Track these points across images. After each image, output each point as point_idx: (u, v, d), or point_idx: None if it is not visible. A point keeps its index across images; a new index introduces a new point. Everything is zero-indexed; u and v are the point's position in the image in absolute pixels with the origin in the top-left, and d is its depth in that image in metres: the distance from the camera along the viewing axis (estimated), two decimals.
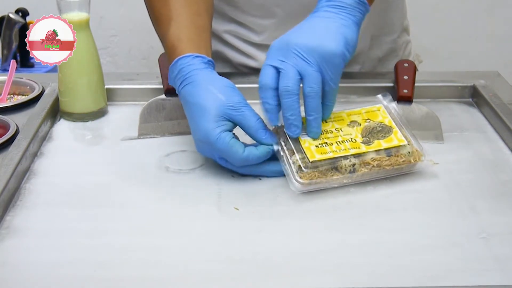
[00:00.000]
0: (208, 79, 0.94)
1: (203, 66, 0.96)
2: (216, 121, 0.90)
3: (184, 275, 0.75)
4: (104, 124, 1.11)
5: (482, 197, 0.90)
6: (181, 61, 0.96)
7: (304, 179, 0.88)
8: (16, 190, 0.90)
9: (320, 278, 0.75)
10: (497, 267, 0.77)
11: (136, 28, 2.57)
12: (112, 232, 0.83)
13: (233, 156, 0.90)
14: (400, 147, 0.92)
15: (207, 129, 0.90)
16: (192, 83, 0.94)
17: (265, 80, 0.91)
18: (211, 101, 0.91)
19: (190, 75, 0.94)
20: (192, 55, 0.96)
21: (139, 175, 0.96)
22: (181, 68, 0.95)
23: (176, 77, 0.96)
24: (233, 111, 0.91)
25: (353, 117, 0.95)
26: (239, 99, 0.93)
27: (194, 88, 0.93)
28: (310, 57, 0.89)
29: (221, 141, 0.89)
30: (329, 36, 0.90)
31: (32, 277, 0.75)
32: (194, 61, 0.96)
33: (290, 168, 0.89)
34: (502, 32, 2.59)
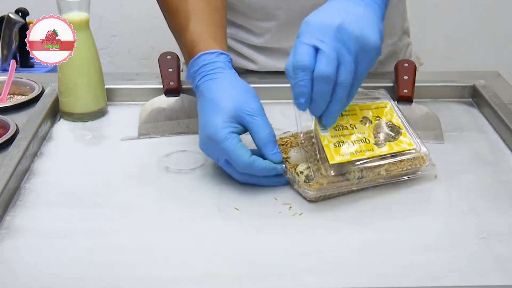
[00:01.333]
0: (231, 79, 0.94)
1: (228, 65, 0.96)
2: (228, 122, 0.89)
3: (184, 275, 0.75)
4: (104, 124, 1.11)
5: (482, 197, 0.90)
6: (204, 56, 0.96)
7: (314, 188, 0.86)
8: (16, 190, 0.90)
9: (320, 278, 0.75)
10: (497, 267, 0.77)
11: (136, 28, 2.57)
12: (112, 232, 0.83)
13: (238, 159, 0.87)
14: (406, 152, 0.92)
15: (217, 126, 0.88)
16: (214, 80, 0.93)
17: (304, 60, 0.82)
18: (229, 102, 0.90)
19: (214, 71, 0.94)
20: (217, 51, 0.96)
21: (139, 175, 0.96)
22: (205, 64, 0.95)
23: (197, 71, 0.95)
24: (247, 117, 0.89)
25: (365, 112, 0.93)
26: (257, 106, 0.91)
27: (215, 85, 0.93)
28: (352, 45, 0.82)
29: (229, 142, 0.87)
30: (371, 27, 0.84)
31: (32, 277, 0.75)
32: (219, 58, 0.96)
33: (298, 177, 0.88)
34: (502, 32, 2.59)
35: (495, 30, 2.58)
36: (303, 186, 0.87)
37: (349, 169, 0.88)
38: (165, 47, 1.39)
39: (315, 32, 0.83)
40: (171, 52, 1.20)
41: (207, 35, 0.99)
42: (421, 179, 0.93)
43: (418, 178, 0.93)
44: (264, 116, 0.91)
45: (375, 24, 0.85)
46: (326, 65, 0.81)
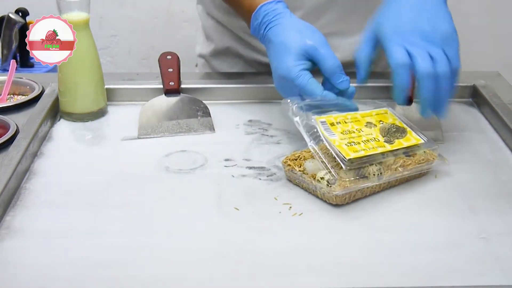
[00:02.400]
0: (292, 21, 1.02)
1: (286, 10, 1.03)
2: (297, 59, 0.97)
3: (184, 275, 0.75)
4: (104, 124, 1.11)
5: (482, 197, 0.90)
6: (265, 7, 1.03)
7: (338, 189, 0.86)
8: (16, 190, 0.90)
9: (320, 278, 0.75)
10: (497, 267, 0.77)
11: (136, 28, 2.57)
12: (112, 232, 0.83)
13: (312, 94, 0.96)
14: (415, 147, 0.92)
15: (288, 66, 0.97)
16: (278, 25, 1.01)
17: (403, 59, 0.91)
18: (294, 41, 0.98)
19: (275, 18, 1.02)
20: (274, 0, 1.03)
21: (139, 175, 0.96)
22: (266, 13, 1.03)
23: (261, 22, 1.03)
24: (312, 51, 0.97)
25: (367, 118, 0.96)
26: (320, 39, 0.98)
27: (280, 29, 1.01)
28: (434, 39, 0.91)
29: (301, 79, 0.96)
30: (441, 17, 0.94)
31: (32, 277, 0.75)
32: (277, 6, 1.03)
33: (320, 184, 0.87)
34: (502, 32, 2.59)
35: (495, 30, 2.58)
36: (327, 190, 0.86)
37: (367, 170, 0.88)
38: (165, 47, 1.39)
39: (398, 38, 0.93)
40: (171, 52, 1.20)
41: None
42: (421, 179, 0.94)
43: (417, 178, 0.93)
44: (328, 48, 0.98)
45: (446, 14, 0.95)
46: (424, 63, 0.90)
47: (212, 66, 1.34)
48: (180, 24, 2.57)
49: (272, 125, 1.10)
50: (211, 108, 1.12)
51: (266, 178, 0.94)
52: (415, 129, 0.96)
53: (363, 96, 1.19)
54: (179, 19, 2.56)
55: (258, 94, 1.19)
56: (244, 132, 1.08)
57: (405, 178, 0.92)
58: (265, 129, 1.09)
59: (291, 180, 0.93)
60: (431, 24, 0.93)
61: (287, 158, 0.93)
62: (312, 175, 0.89)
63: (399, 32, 0.94)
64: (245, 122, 1.11)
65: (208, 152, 1.01)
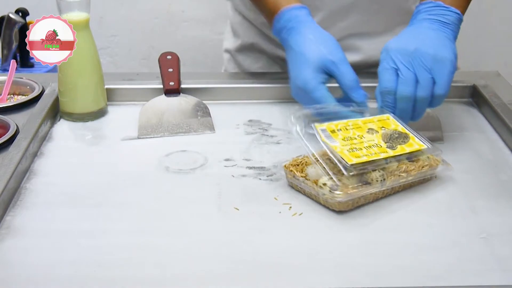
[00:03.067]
0: (315, 31, 1.03)
1: (308, 18, 1.04)
2: (315, 72, 0.99)
3: (184, 275, 0.75)
4: (104, 124, 1.11)
5: (482, 197, 0.90)
6: (287, 12, 1.05)
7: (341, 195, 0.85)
8: (16, 190, 0.90)
9: (320, 278, 0.75)
10: (497, 267, 0.77)
11: (136, 28, 2.57)
12: (112, 232, 0.83)
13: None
14: (419, 153, 0.92)
15: (306, 78, 0.99)
16: (299, 34, 1.03)
17: (389, 86, 0.96)
18: (315, 53, 1.00)
19: (297, 25, 1.03)
20: (297, 6, 1.05)
21: (139, 175, 0.96)
22: (288, 19, 1.04)
23: (283, 26, 1.05)
24: (332, 66, 0.99)
25: (369, 125, 0.95)
26: (340, 55, 1.00)
27: (302, 38, 1.02)
28: (427, 63, 0.95)
29: (318, 92, 0.99)
30: (442, 46, 0.97)
31: (32, 277, 0.75)
32: (300, 12, 1.05)
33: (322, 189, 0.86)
34: (502, 32, 2.59)
35: (495, 30, 2.58)
36: (329, 195, 0.85)
37: (370, 176, 0.87)
38: (165, 47, 1.39)
39: (396, 56, 0.96)
40: (171, 52, 1.20)
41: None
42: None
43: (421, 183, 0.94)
44: (347, 64, 1.00)
45: (447, 43, 0.98)
46: (405, 87, 0.95)
47: (237, 61, 1.35)
48: (180, 24, 2.57)
49: (272, 125, 1.10)
50: (211, 108, 1.12)
51: (266, 178, 0.94)
52: (418, 134, 0.95)
53: None
54: (179, 19, 2.56)
55: (258, 94, 1.19)
56: (244, 132, 1.08)
57: (408, 184, 0.91)
58: (265, 129, 1.09)
59: (292, 186, 0.92)
60: (431, 50, 0.96)
61: (289, 163, 0.92)
62: (315, 181, 0.88)
63: (396, 53, 0.97)
64: (245, 122, 1.11)
65: (208, 152, 1.01)
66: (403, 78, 0.95)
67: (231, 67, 1.36)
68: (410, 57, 0.95)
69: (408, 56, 0.96)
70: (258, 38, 1.29)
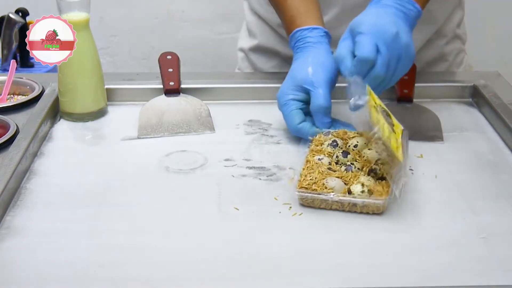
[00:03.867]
0: (315, 53, 1.04)
1: (319, 39, 1.05)
2: (293, 89, 1.01)
3: (184, 275, 0.75)
4: (104, 124, 1.11)
5: (482, 197, 0.90)
6: (299, 32, 1.06)
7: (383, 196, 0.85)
8: (16, 190, 0.90)
9: (320, 278, 0.75)
10: (497, 267, 0.77)
11: (136, 28, 2.57)
12: (112, 232, 0.83)
13: (288, 123, 1.01)
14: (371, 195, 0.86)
15: (283, 91, 1.02)
16: (301, 53, 1.05)
17: (371, 56, 0.94)
18: (301, 72, 1.02)
19: (304, 46, 1.05)
20: (310, 27, 1.06)
21: (139, 175, 0.96)
22: (299, 39, 1.06)
23: (294, 45, 1.07)
24: (310, 85, 1.00)
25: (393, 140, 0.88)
26: (324, 79, 1.00)
27: (301, 57, 1.04)
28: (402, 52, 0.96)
29: (286, 107, 1.01)
30: (411, 40, 0.98)
31: (32, 277, 0.75)
32: (311, 34, 1.06)
33: (360, 197, 0.85)
34: (502, 32, 2.59)
35: (495, 30, 2.58)
36: (372, 201, 0.84)
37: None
38: (165, 47, 1.39)
39: (376, 33, 0.95)
40: (171, 52, 1.20)
41: (304, 9, 1.09)
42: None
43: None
44: (325, 88, 0.99)
45: (411, 36, 0.99)
46: (381, 69, 0.94)
47: (251, 60, 1.35)
48: (180, 24, 2.57)
49: (272, 125, 1.10)
50: (211, 108, 1.12)
51: (266, 178, 0.94)
52: (404, 167, 0.88)
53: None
54: (179, 19, 2.56)
55: (258, 94, 1.19)
56: (244, 132, 1.08)
57: None
58: (265, 129, 1.09)
59: (312, 206, 0.87)
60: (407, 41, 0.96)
61: (300, 186, 0.87)
62: (344, 190, 0.86)
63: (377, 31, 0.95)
64: (245, 122, 1.11)
65: (208, 152, 1.01)
66: (383, 60, 0.94)
67: (244, 66, 1.36)
68: (392, 40, 0.95)
69: (390, 38, 0.95)
70: (272, 39, 1.29)
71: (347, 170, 0.89)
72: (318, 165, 0.90)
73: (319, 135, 0.97)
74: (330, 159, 0.91)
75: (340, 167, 0.90)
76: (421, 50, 1.25)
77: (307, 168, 0.89)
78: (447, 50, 1.29)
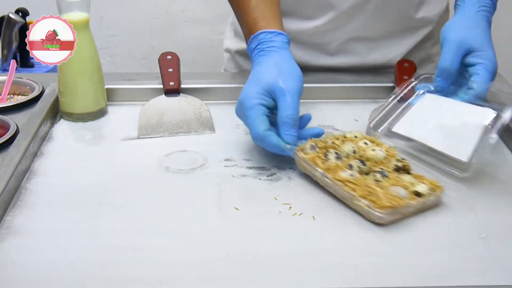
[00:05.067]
0: (282, 59, 0.99)
1: (284, 45, 1.01)
2: (260, 93, 0.96)
3: (184, 275, 0.75)
4: (104, 124, 1.11)
5: (482, 197, 0.90)
6: (263, 35, 1.02)
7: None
8: (16, 190, 0.90)
9: (320, 278, 0.75)
10: (497, 267, 0.77)
11: (136, 28, 2.57)
12: (112, 232, 0.83)
13: (253, 128, 0.94)
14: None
15: (249, 95, 0.96)
16: (266, 56, 1.00)
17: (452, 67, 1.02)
18: (269, 77, 0.96)
19: (268, 49, 1.00)
20: (276, 31, 1.02)
21: (139, 175, 0.96)
22: (263, 41, 1.01)
23: (256, 47, 1.02)
24: (279, 93, 0.94)
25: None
26: (293, 87, 0.95)
27: (266, 61, 0.99)
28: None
29: (252, 111, 0.95)
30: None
31: (32, 277, 0.75)
32: (277, 38, 1.02)
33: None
34: (502, 32, 2.59)
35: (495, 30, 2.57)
36: (434, 198, 0.87)
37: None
38: (165, 47, 1.39)
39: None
40: (171, 52, 1.20)
41: (269, 14, 1.05)
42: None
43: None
44: (296, 98, 0.95)
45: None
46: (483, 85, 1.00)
47: (236, 61, 1.35)
48: (180, 24, 2.57)
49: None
50: (211, 108, 1.12)
51: (266, 178, 0.94)
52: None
53: (363, 96, 1.19)
54: (179, 19, 2.57)
55: None
56: (244, 132, 1.08)
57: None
58: None
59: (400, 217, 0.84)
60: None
61: (382, 206, 0.82)
62: (411, 196, 0.85)
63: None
64: None
65: (208, 152, 1.01)
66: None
67: (230, 67, 1.36)
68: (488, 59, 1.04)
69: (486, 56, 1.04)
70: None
71: (383, 176, 0.87)
72: (363, 180, 0.86)
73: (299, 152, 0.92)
74: (352, 171, 0.88)
75: (372, 176, 0.87)
76: (410, 52, 1.26)
77: (360, 189, 0.85)
78: (433, 51, 1.30)
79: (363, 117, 1.09)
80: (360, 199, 0.83)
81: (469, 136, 0.94)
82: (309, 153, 0.91)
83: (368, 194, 0.83)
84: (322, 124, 1.09)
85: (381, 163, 0.91)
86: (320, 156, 0.91)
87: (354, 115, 1.12)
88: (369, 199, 0.83)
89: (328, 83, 1.20)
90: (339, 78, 1.23)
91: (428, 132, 0.98)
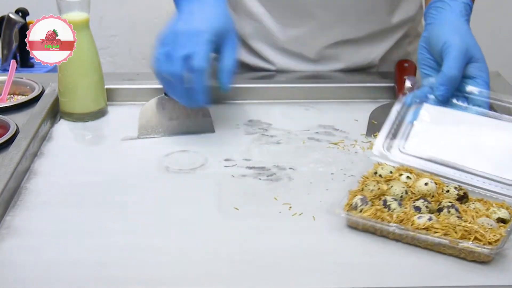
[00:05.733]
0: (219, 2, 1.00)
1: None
2: (211, 34, 0.96)
3: (184, 275, 0.75)
4: (104, 124, 1.11)
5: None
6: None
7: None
8: (16, 190, 0.90)
9: (320, 278, 0.75)
10: (497, 267, 0.77)
11: (136, 28, 2.57)
12: (112, 232, 0.83)
13: (198, 54, 0.94)
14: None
15: (200, 28, 0.96)
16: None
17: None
18: (222, 19, 0.98)
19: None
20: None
21: (139, 175, 0.96)
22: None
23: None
24: (231, 36, 0.98)
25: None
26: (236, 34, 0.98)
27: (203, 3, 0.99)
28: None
29: (202, 39, 0.95)
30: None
31: (32, 277, 0.75)
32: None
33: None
34: (502, 32, 2.59)
35: (495, 30, 2.58)
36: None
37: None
38: None
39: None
40: None
41: None
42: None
43: None
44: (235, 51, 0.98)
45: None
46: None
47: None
48: None
49: (272, 125, 1.10)
50: (211, 108, 1.12)
51: (266, 178, 0.94)
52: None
53: (363, 96, 1.19)
54: None
55: (258, 94, 1.19)
56: (244, 132, 1.08)
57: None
58: (265, 129, 1.09)
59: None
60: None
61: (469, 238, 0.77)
62: (495, 220, 0.80)
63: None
64: (245, 122, 1.11)
65: (208, 152, 1.01)
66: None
67: None
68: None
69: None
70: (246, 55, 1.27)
71: (456, 210, 0.81)
72: (444, 221, 0.79)
73: (352, 212, 0.82)
74: (429, 214, 0.80)
75: (446, 213, 0.81)
76: (389, 51, 1.27)
77: (453, 231, 0.78)
78: (410, 49, 1.30)
79: (363, 117, 1.09)
80: (463, 242, 0.76)
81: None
82: (365, 209, 0.81)
83: (467, 234, 0.77)
84: (322, 124, 1.09)
85: (437, 195, 0.84)
86: (381, 208, 0.81)
87: (354, 115, 1.12)
88: (469, 238, 0.76)
89: (328, 83, 1.20)
90: (339, 78, 1.23)
91: (459, 152, 0.90)
